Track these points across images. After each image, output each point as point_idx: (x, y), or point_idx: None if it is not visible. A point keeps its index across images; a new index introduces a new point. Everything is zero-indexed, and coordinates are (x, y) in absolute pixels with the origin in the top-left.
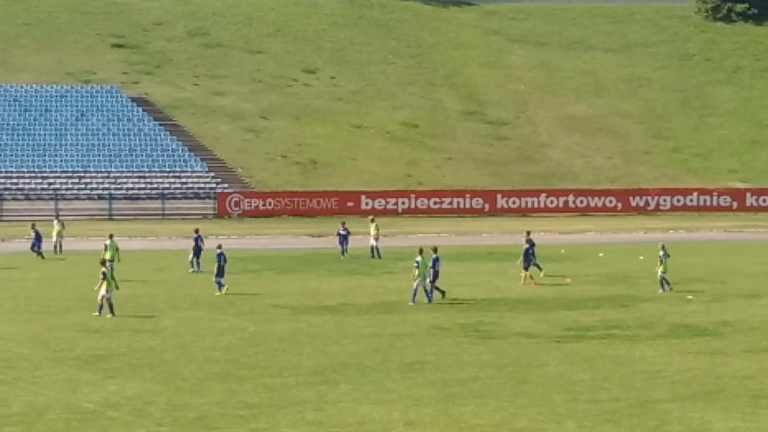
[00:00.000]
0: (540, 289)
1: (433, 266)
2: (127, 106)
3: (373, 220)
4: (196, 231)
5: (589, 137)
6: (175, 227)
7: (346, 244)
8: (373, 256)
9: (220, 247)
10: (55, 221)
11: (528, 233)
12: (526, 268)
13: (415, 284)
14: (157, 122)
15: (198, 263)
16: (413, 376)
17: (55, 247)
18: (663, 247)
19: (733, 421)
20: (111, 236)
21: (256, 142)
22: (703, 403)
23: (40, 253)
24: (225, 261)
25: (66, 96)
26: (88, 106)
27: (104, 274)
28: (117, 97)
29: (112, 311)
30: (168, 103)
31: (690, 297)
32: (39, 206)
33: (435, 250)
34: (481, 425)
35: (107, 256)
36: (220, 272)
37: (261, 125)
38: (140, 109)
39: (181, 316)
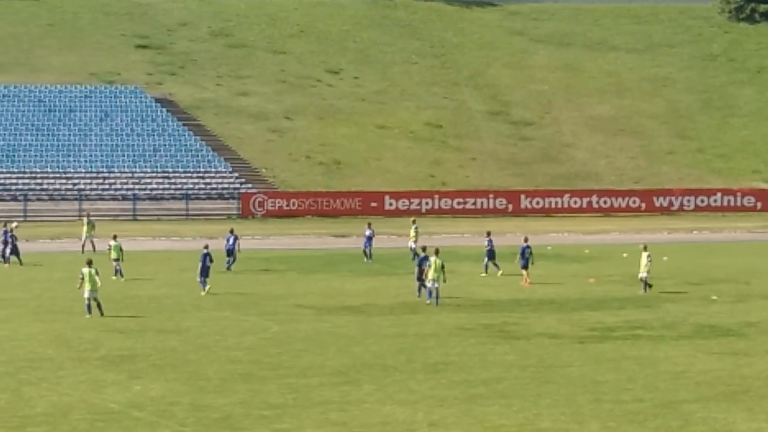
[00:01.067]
0: (564, 290)
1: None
2: (151, 106)
3: (414, 222)
4: (231, 231)
5: (612, 137)
6: (199, 228)
7: (370, 246)
8: (413, 258)
9: (206, 247)
10: (85, 220)
11: (526, 239)
12: (524, 267)
13: (428, 284)
14: (181, 123)
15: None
16: (437, 377)
17: (83, 246)
18: (646, 248)
19: (758, 422)
20: (115, 237)
21: (279, 142)
22: (727, 404)
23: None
24: (211, 261)
25: (90, 96)
26: (112, 106)
27: (83, 275)
28: (141, 97)
29: (101, 310)
30: (192, 103)
31: (714, 297)
32: (63, 207)
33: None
34: (504, 426)
35: (113, 256)
36: (205, 272)
37: (285, 125)
38: (164, 109)
39: (205, 317)
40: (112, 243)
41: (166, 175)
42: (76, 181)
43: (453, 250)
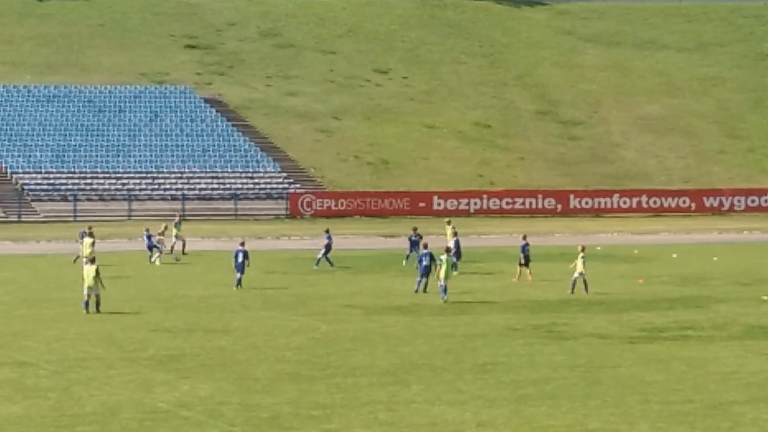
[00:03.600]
0: (613, 290)
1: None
2: (200, 106)
3: (449, 222)
4: (327, 231)
5: (662, 137)
6: (247, 228)
7: (416, 250)
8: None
9: (242, 244)
10: (175, 221)
11: (525, 236)
12: (524, 265)
13: (440, 282)
14: (229, 123)
15: (328, 260)
16: (485, 377)
17: (172, 247)
18: (583, 249)
19: None
20: (90, 232)
21: (328, 142)
22: None
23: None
24: (246, 257)
25: (139, 97)
26: (161, 106)
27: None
28: (190, 97)
29: (98, 308)
30: (240, 103)
31: (765, 298)
32: (113, 207)
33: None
34: (553, 426)
35: (85, 252)
36: (239, 268)
37: (333, 125)
38: (213, 109)
39: (253, 316)
40: (87, 239)
41: (214, 175)
42: (125, 181)
43: (501, 250)
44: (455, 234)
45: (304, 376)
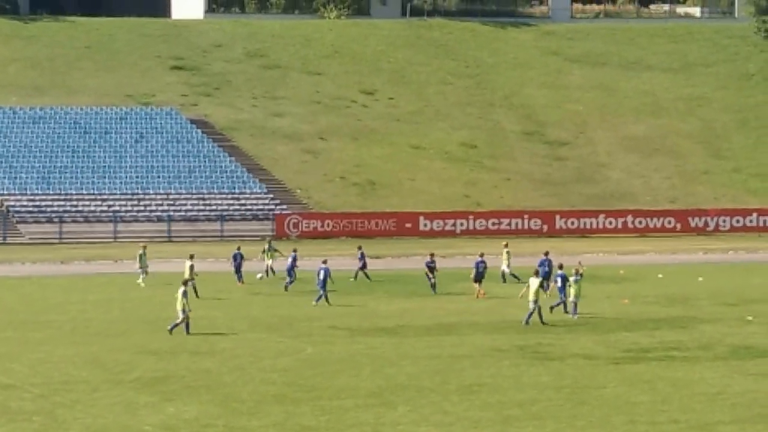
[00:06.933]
0: (599, 310)
1: None
2: (186, 127)
3: (506, 246)
4: (294, 250)
5: (647, 157)
6: (233, 249)
7: (433, 277)
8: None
9: (239, 248)
10: (266, 246)
11: (481, 254)
12: (477, 281)
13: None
14: (215, 144)
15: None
16: (471, 398)
17: (267, 271)
18: (577, 272)
19: None
20: (190, 255)
21: (314, 163)
22: (763, 426)
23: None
24: (242, 258)
25: (125, 118)
26: (147, 128)
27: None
28: (176, 119)
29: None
30: (227, 124)
31: (750, 318)
32: (98, 228)
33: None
34: None
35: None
36: (237, 269)
37: (319, 146)
38: (199, 130)
39: (239, 338)
40: (187, 263)
41: (201, 196)
42: (111, 202)
43: (487, 271)
44: (509, 255)
45: (290, 398)
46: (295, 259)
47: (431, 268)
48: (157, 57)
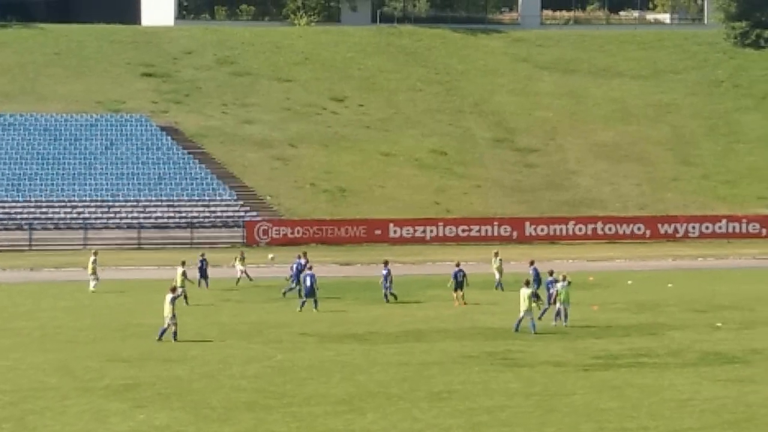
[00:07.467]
0: (568, 317)
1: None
2: (156, 134)
3: (497, 254)
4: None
5: (617, 164)
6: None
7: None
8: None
9: (203, 254)
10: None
11: (458, 263)
12: (456, 289)
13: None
14: (186, 151)
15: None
16: (441, 405)
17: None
18: (564, 278)
19: None
20: (182, 262)
21: (284, 170)
22: None
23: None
24: (207, 265)
25: (96, 125)
26: (117, 135)
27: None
28: (146, 125)
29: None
30: (197, 131)
31: (719, 324)
32: (68, 235)
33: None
34: None
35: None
36: (202, 273)
37: (289, 153)
38: (169, 137)
39: (209, 345)
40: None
41: (171, 203)
42: (81, 209)
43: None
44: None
45: (260, 404)
46: (300, 266)
47: (385, 276)
48: (127, 64)
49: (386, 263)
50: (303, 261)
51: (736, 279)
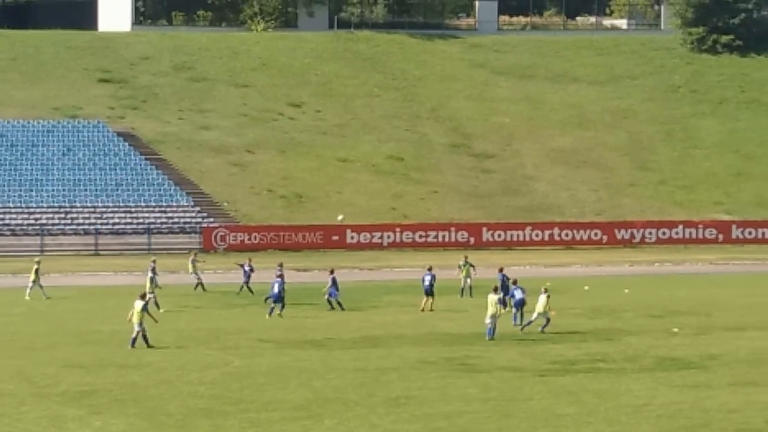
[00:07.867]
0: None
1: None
2: (113, 140)
3: (466, 258)
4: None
5: (574, 170)
6: (161, 262)
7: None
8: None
9: (154, 261)
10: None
11: (430, 268)
12: (428, 295)
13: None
14: (143, 157)
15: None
16: (398, 411)
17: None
18: (545, 290)
19: None
20: (152, 267)
21: (241, 176)
22: None
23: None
24: (155, 274)
25: (52, 131)
26: (74, 140)
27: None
28: (103, 131)
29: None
30: (154, 137)
31: (676, 330)
32: (25, 242)
33: (331, 271)
34: None
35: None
36: (153, 281)
37: (246, 159)
38: (126, 143)
39: (166, 351)
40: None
41: (128, 209)
42: (38, 216)
43: (414, 283)
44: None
45: (217, 411)
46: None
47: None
48: (84, 69)
49: (332, 271)
50: (248, 267)
51: (693, 284)
